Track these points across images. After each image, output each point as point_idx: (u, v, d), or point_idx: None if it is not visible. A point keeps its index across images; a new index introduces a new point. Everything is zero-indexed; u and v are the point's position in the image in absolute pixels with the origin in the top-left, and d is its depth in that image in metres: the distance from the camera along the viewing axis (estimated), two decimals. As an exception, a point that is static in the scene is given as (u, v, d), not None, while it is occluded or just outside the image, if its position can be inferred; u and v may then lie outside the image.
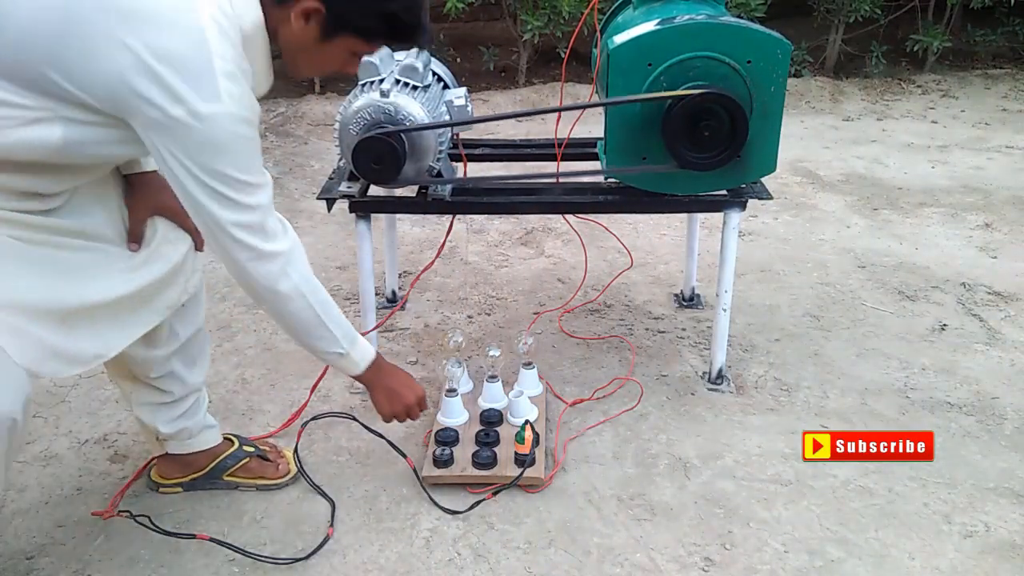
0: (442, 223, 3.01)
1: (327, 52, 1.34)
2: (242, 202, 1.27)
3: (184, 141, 1.20)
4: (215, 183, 1.24)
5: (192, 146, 1.21)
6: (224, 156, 1.23)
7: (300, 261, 1.41)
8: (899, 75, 4.94)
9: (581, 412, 2.02)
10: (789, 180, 3.50)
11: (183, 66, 1.16)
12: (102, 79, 1.16)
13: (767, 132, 1.85)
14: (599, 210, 2.23)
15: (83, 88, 1.17)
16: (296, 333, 1.49)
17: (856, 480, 1.80)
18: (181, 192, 1.26)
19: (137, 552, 1.61)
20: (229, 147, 1.23)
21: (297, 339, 1.51)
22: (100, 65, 1.16)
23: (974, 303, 2.53)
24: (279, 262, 1.36)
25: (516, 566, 1.58)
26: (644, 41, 1.78)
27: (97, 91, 1.17)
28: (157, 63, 1.15)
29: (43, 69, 1.15)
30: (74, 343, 1.34)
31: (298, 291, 1.40)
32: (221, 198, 1.26)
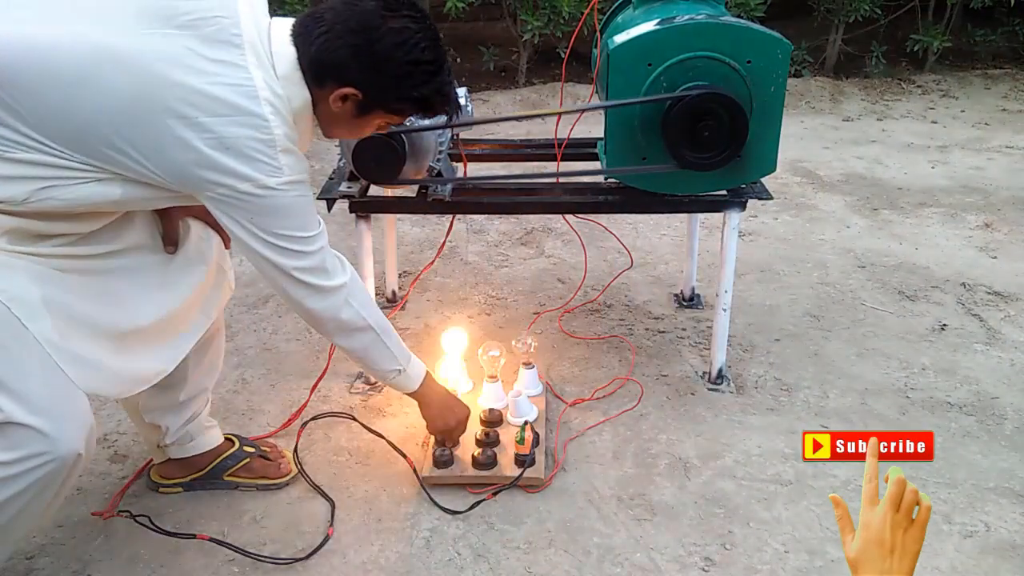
0: (442, 223, 3.01)
1: (361, 125, 1.44)
2: (303, 251, 1.39)
3: (250, 210, 1.32)
4: (279, 241, 1.36)
5: (257, 214, 1.33)
6: (286, 219, 1.36)
7: (359, 291, 1.53)
8: (899, 75, 4.94)
9: (581, 412, 2.02)
10: (789, 180, 3.50)
11: (249, 150, 1.26)
12: (171, 166, 1.25)
13: (767, 132, 1.85)
14: (599, 210, 2.23)
15: (152, 165, 1.25)
16: (359, 356, 1.60)
17: (856, 480, 1.80)
18: (245, 249, 1.38)
19: (137, 552, 1.61)
20: (291, 210, 1.35)
21: (360, 361, 1.63)
22: (167, 152, 1.24)
23: (974, 303, 2.53)
24: (341, 295, 1.48)
25: (516, 566, 1.58)
26: (644, 41, 1.78)
27: (165, 170, 1.26)
28: (223, 153, 1.25)
29: (117, 142, 1.22)
30: (134, 363, 1.42)
31: (360, 317, 1.52)
32: (284, 251, 1.38)
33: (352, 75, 1.33)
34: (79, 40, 1.20)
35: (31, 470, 1.22)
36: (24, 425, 1.20)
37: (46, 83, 1.18)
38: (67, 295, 1.31)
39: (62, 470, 1.25)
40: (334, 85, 1.34)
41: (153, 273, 1.46)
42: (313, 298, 1.45)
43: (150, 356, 1.46)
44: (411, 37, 1.32)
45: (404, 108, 1.41)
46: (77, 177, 1.24)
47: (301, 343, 2.33)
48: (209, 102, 1.22)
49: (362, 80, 1.34)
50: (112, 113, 1.21)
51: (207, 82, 1.22)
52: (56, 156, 1.21)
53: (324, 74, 1.33)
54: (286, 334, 2.37)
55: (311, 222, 1.40)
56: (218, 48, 1.25)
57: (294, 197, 1.34)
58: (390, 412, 2.03)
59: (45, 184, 1.22)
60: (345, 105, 1.36)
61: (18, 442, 1.21)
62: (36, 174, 1.22)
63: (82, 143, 1.22)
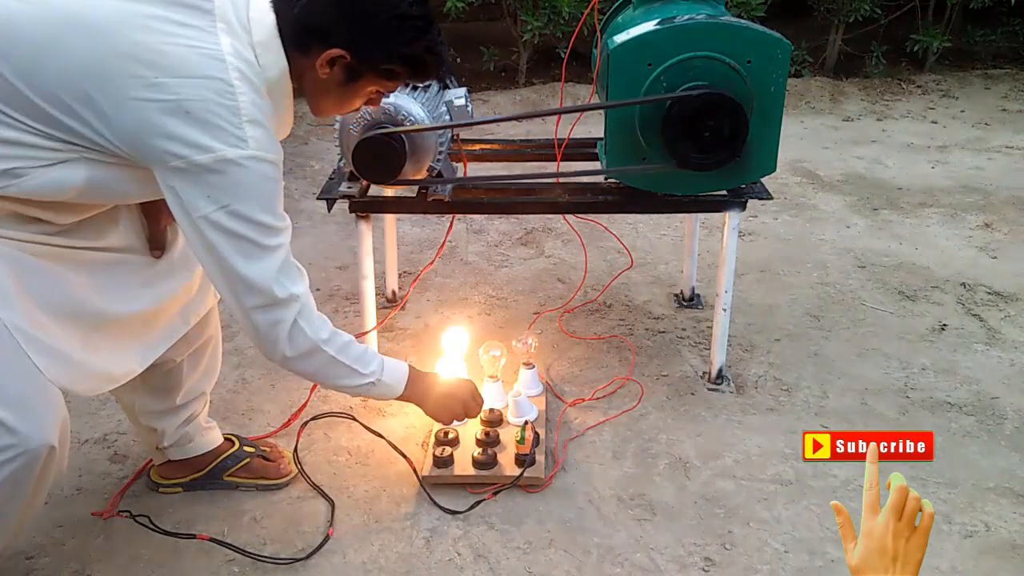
0: (442, 223, 3.01)
1: (351, 93, 1.36)
2: (260, 242, 1.28)
3: (208, 186, 1.22)
4: (234, 225, 1.25)
5: (216, 190, 1.22)
6: (248, 198, 1.25)
7: (311, 309, 1.40)
8: (899, 75, 4.94)
9: (581, 412, 2.02)
10: (789, 180, 3.50)
11: (210, 115, 1.19)
12: (127, 132, 1.19)
13: (767, 132, 1.85)
14: (599, 210, 2.23)
15: (111, 132, 1.19)
16: (319, 379, 1.51)
17: (856, 480, 1.80)
18: (194, 237, 1.26)
19: (137, 552, 1.61)
20: (254, 189, 1.25)
21: (323, 384, 1.54)
22: (126, 115, 1.18)
23: (974, 303, 2.53)
24: (292, 309, 1.35)
25: (516, 566, 1.58)
26: (644, 41, 1.78)
27: (124, 137, 1.19)
28: (182, 119, 1.17)
29: (76, 108, 1.17)
30: (104, 360, 1.37)
31: (308, 339, 1.39)
32: (238, 239, 1.26)
33: (338, 36, 1.27)
34: (46, 7, 1.17)
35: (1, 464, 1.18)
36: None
37: (10, 49, 1.15)
38: (41, 283, 1.26)
39: (34, 464, 1.21)
40: (320, 48, 1.28)
41: (134, 272, 1.43)
42: (260, 310, 1.33)
43: (121, 355, 1.41)
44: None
45: (395, 69, 1.33)
46: (40, 158, 1.19)
47: (301, 343, 2.33)
48: (169, 63, 1.17)
49: (349, 40, 1.28)
50: (72, 75, 1.16)
51: (168, 43, 1.17)
52: (18, 130, 1.17)
53: (309, 38, 1.27)
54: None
55: (275, 212, 1.29)
56: (185, 12, 1.20)
57: (258, 177, 1.24)
58: (390, 412, 2.03)
59: (8, 165, 1.18)
60: (333, 71, 1.30)
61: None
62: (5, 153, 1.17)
63: (42, 111, 1.17)
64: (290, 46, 1.28)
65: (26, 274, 1.25)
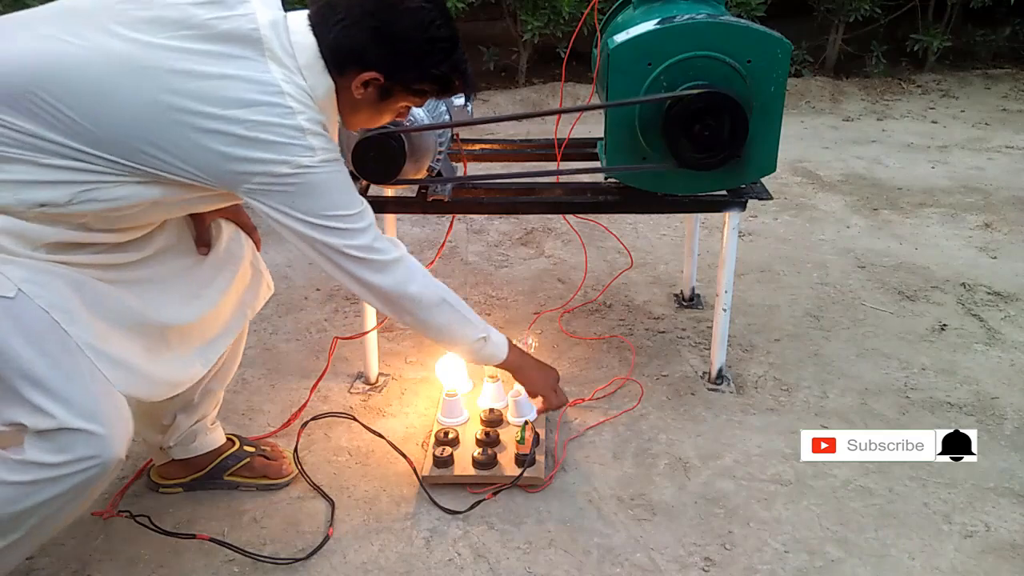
0: (442, 223, 3.01)
1: (383, 109, 1.44)
2: (352, 228, 1.38)
3: (291, 193, 1.31)
4: (327, 222, 1.36)
5: (299, 196, 1.32)
6: (328, 196, 1.35)
7: (418, 265, 1.50)
8: (899, 75, 4.94)
9: (581, 412, 2.02)
10: (789, 180, 3.50)
11: (278, 137, 1.27)
12: (205, 165, 1.27)
13: (767, 132, 1.85)
14: (599, 210, 2.23)
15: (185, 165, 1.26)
16: (442, 331, 1.56)
17: (856, 480, 1.80)
18: (294, 236, 1.37)
19: (137, 552, 1.61)
20: (331, 187, 1.34)
21: (444, 338, 1.58)
22: (197, 153, 1.25)
23: (974, 303, 2.53)
24: (401, 267, 1.46)
25: (516, 566, 1.58)
26: (644, 41, 1.78)
27: (202, 172, 1.27)
28: (253, 146, 1.26)
29: (146, 149, 1.24)
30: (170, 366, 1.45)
31: (430, 288, 1.50)
32: (334, 231, 1.37)
33: (372, 59, 1.34)
34: (101, 52, 1.23)
35: (77, 473, 1.25)
36: (76, 429, 1.24)
37: (73, 96, 1.21)
38: (104, 300, 1.34)
39: (105, 474, 1.28)
40: (355, 71, 1.35)
41: (186, 275, 1.50)
42: (378, 274, 1.43)
43: (186, 359, 1.49)
44: (426, 16, 1.33)
45: (425, 88, 1.40)
46: (116, 180, 1.27)
47: (301, 343, 2.33)
48: (229, 98, 1.24)
49: (383, 63, 1.34)
50: (140, 121, 1.23)
51: (228, 80, 1.24)
52: (92, 161, 1.24)
53: (345, 61, 1.34)
54: (286, 334, 2.37)
55: (353, 199, 1.39)
56: (235, 45, 1.26)
57: (331, 173, 1.33)
58: (390, 412, 2.03)
59: (86, 187, 1.25)
60: (368, 91, 1.37)
61: (67, 445, 1.24)
62: (76, 178, 1.25)
63: (116, 149, 1.24)
64: (328, 67, 1.34)
65: (87, 293, 1.31)
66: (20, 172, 1.23)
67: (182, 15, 1.26)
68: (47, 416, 1.23)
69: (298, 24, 1.33)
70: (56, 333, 1.25)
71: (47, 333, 1.25)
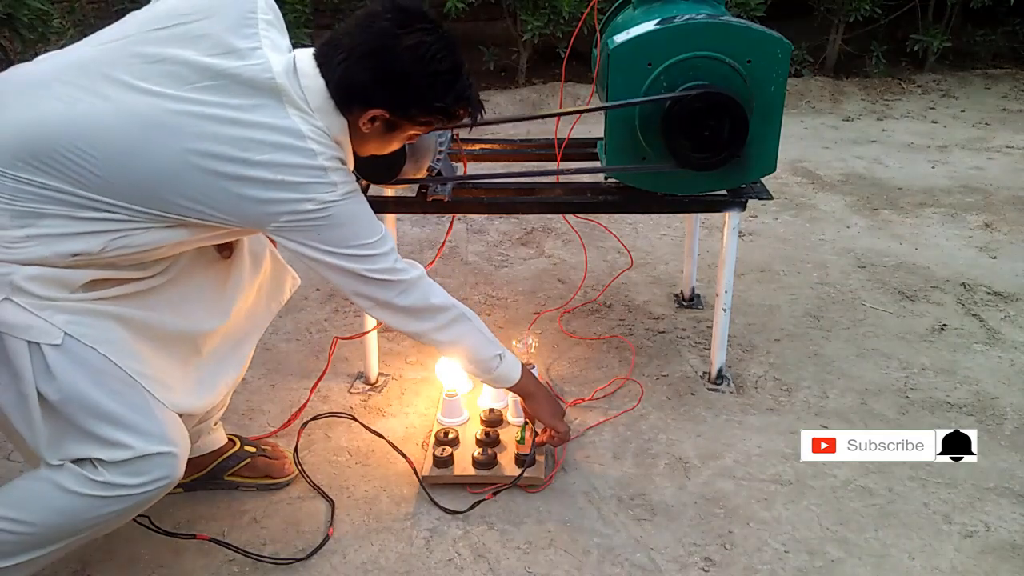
0: (442, 223, 3.01)
1: (390, 140, 1.47)
2: (376, 254, 1.43)
3: (316, 228, 1.36)
4: (350, 250, 1.40)
5: (325, 230, 1.36)
6: (352, 227, 1.40)
7: (435, 283, 1.55)
8: (899, 75, 4.94)
9: (581, 412, 2.02)
10: (789, 180, 3.50)
11: (302, 178, 1.31)
12: (233, 210, 1.32)
13: (767, 132, 1.85)
14: (599, 210, 2.23)
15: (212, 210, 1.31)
16: (461, 347, 1.60)
17: (856, 480, 1.80)
18: (324, 268, 1.42)
19: (137, 552, 1.61)
20: (354, 218, 1.39)
21: (462, 355, 1.61)
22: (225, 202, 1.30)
23: (974, 303, 2.53)
24: (423, 285, 1.51)
25: (516, 566, 1.58)
26: (644, 41, 1.78)
27: (230, 215, 1.32)
28: (279, 188, 1.30)
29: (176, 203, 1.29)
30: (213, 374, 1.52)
31: (450, 304, 1.56)
32: (360, 258, 1.42)
33: (377, 97, 1.36)
34: (126, 112, 1.26)
35: (150, 492, 1.32)
36: (152, 455, 1.30)
37: (101, 157, 1.25)
38: (144, 325, 1.39)
39: (166, 489, 1.34)
40: (361, 109, 1.37)
41: (212, 282, 1.54)
42: (402, 294, 1.48)
43: (220, 363, 1.54)
44: (427, 50, 1.34)
45: (430, 120, 1.43)
46: (146, 226, 1.31)
47: (301, 343, 2.33)
48: (256, 146, 1.28)
49: (387, 101, 1.37)
50: (169, 176, 1.27)
51: (252, 129, 1.28)
52: (122, 212, 1.28)
53: (350, 99, 1.36)
54: (286, 334, 2.37)
55: (375, 226, 1.44)
56: (256, 94, 1.29)
57: (352, 204, 1.38)
58: (390, 412, 2.03)
59: (117, 235, 1.30)
60: (375, 125, 1.40)
61: (145, 468, 1.31)
62: (107, 228, 1.28)
63: (146, 202, 1.29)
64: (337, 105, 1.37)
65: (128, 322, 1.36)
66: (54, 226, 1.26)
67: (200, 66, 1.28)
68: (124, 448, 1.29)
69: (306, 65, 1.35)
70: (110, 367, 1.30)
71: (103, 369, 1.29)
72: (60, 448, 1.29)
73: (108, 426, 1.29)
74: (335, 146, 1.36)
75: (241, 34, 1.31)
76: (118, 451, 1.29)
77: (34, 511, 1.31)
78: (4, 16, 3.27)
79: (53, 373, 1.26)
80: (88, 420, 1.28)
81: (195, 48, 1.29)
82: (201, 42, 1.30)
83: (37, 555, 1.35)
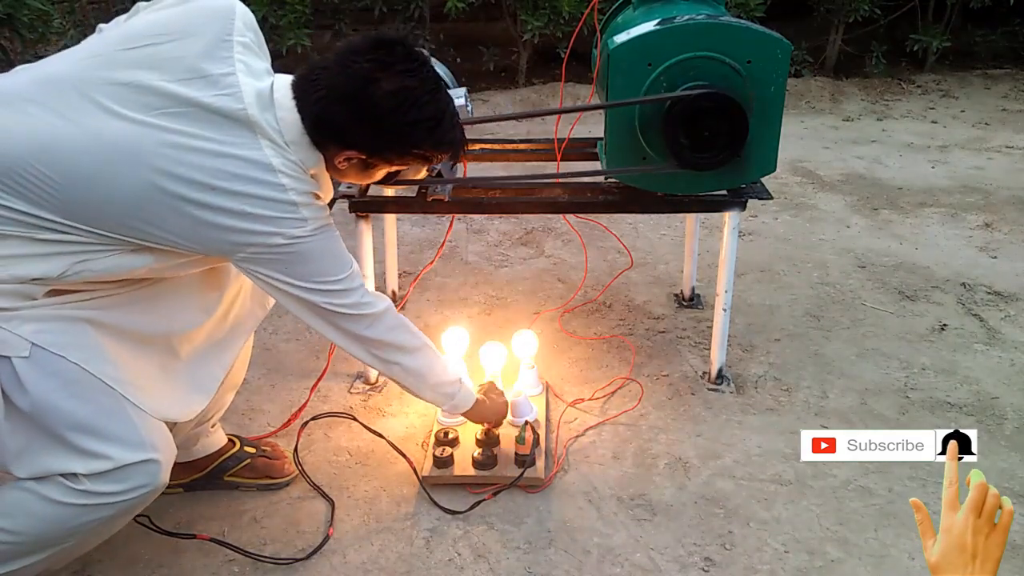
0: (442, 223, 3.01)
1: (369, 175, 1.46)
2: (344, 289, 1.42)
3: (284, 262, 1.34)
4: (317, 285, 1.39)
5: (291, 264, 1.35)
6: (320, 263, 1.38)
7: (400, 315, 1.55)
8: (899, 75, 4.94)
9: (581, 412, 2.02)
10: (789, 180, 3.50)
11: (271, 211, 1.29)
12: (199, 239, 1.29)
13: (767, 132, 1.85)
14: (599, 210, 2.23)
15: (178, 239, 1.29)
16: (421, 374, 1.59)
17: (856, 480, 1.80)
18: (290, 301, 1.41)
19: (137, 552, 1.61)
20: (323, 254, 1.38)
21: (422, 381, 1.60)
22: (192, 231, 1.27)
23: (974, 303, 2.53)
24: (388, 317, 1.50)
25: (516, 566, 1.58)
26: (644, 41, 1.78)
27: (196, 244, 1.30)
28: (246, 220, 1.27)
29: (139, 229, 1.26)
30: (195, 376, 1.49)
31: (413, 334, 1.56)
32: (327, 292, 1.41)
33: (352, 138, 1.35)
34: (93, 136, 1.22)
35: (132, 499, 1.30)
36: (133, 463, 1.28)
37: (66, 179, 1.22)
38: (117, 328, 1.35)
39: (153, 496, 1.33)
40: (336, 148, 1.36)
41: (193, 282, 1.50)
42: (368, 328, 1.48)
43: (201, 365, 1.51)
44: (408, 96, 1.31)
45: (407, 162, 1.42)
46: (108, 249, 1.28)
47: (301, 343, 2.33)
48: (225, 177, 1.25)
49: (363, 143, 1.36)
50: (132, 202, 1.24)
51: (221, 159, 1.25)
52: (84, 235, 1.25)
53: (326, 137, 1.35)
54: (286, 334, 2.37)
55: (344, 262, 1.42)
56: (226, 124, 1.26)
57: (322, 240, 1.36)
58: (390, 412, 2.03)
59: (78, 260, 1.26)
60: (351, 163, 1.39)
61: (125, 476, 1.29)
62: (68, 251, 1.26)
63: (106, 225, 1.26)
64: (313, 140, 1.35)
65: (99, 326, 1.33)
66: (12, 247, 1.23)
67: (169, 93, 1.25)
68: (103, 459, 1.27)
69: (283, 96, 1.32)
70: (83, 376, 1.27)
71: (76, 378, 1.26)
72: (35, 462, 1.26)
73: (85, 436, 1.26)
74: (309, 180, 1.34)
75: (214, 58, 1.28)
76: (97, 462, 1.26)
77: (18, 519, 1.29)
78: (4, 16, 3.28)
79: (24, 386, 1.23)
80: (64, 431, 1.25)
81: (165, 73, 1.25)
82: (172, 66, 1.26)
83: (30, 562, 1.33)
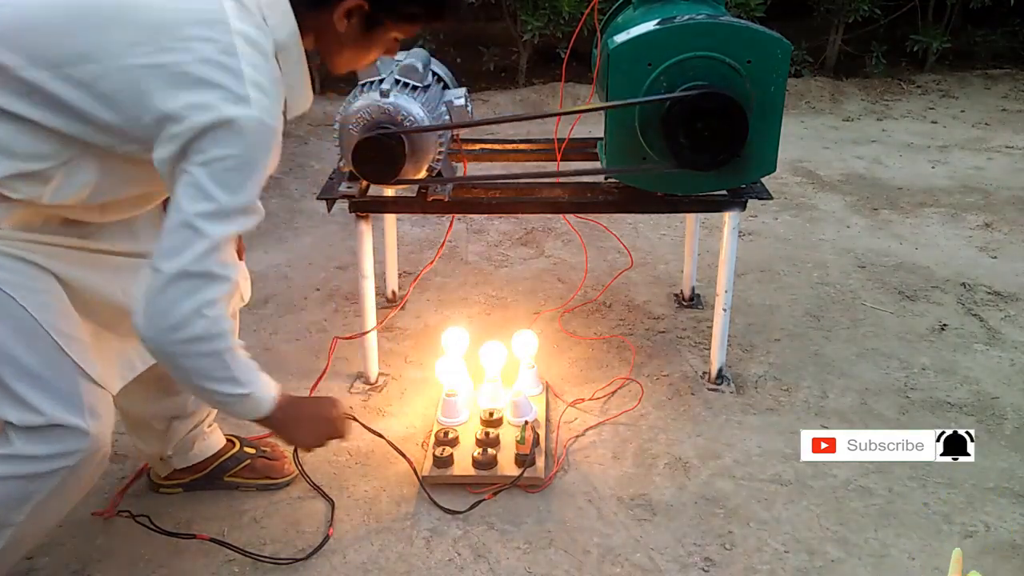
0: (442, 223, 3.01)
1: (370, 43, 1.34)
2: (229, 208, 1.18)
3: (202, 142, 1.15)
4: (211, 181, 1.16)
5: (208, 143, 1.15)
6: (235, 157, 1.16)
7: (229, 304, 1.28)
8: (899, 75, 4.94)
9: (581, 412, 2.02)
10: (789, 180, 3.50)
11: (212, 74, 1.15)
12: (128, 97, 1.16)
13: (767, 132, 1.85)
14: (599, 210, 2.23)
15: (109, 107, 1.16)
16: (207, 371, 1.27)
17: (856, 480, 1.80)
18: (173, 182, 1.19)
19: (137, 552, 1.61)
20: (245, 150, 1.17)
21: (195, 379, 1.27)
22: (127, 85, 1.15)
23: (974, 303, 2.53)
24: (223, 289, 1.23)
25: (516, 566, 1.58)
26: (644, 41, 1.78)
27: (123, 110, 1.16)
28: (182, 78, 1.14)
29: (73, 74, 1.15)
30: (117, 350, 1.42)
31: (229, 326, 1.26)
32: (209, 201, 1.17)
33: None
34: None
35: (64, 466, 1.24)
36: (65, 425, 1.23)
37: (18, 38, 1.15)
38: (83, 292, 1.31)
39: (90, 466, 1.27)
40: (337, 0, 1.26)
41: None
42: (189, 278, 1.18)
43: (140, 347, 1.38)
44: None
45: (413, 11, 1.31)
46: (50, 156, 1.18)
47: (301, 343, 2.33)
48: (170, 30, 1.15)
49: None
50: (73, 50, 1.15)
51: (170, 9, 1.17)
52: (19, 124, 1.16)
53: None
54: (286, 334, 2.37)
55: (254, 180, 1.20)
56: None
57: (254, 137, 1.17)
58: (390, 412, 2.03)
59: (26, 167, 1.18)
60: (351, 22, 1.28)
61: (53, 438, 1.23)
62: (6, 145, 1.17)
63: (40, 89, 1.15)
64: (301, 6, 1.25)
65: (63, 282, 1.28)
66: None
67: None
68: (36, 413, 1.21)
69: None
70: (34, 326, 1.21)
71: (28, 326, 1.21)
72: None
73: (25, 385, 1.20)
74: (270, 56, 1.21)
75: None
76: (30, 415, 1.20)
77: None
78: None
79: None
80: (6, 374, 1.20)
81: None
82: None
83: None
